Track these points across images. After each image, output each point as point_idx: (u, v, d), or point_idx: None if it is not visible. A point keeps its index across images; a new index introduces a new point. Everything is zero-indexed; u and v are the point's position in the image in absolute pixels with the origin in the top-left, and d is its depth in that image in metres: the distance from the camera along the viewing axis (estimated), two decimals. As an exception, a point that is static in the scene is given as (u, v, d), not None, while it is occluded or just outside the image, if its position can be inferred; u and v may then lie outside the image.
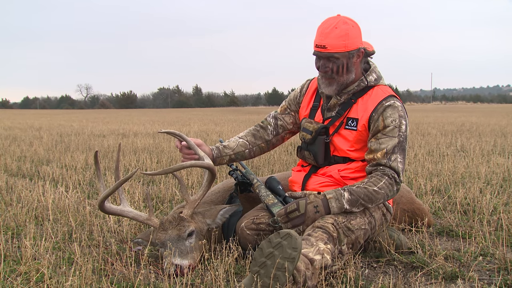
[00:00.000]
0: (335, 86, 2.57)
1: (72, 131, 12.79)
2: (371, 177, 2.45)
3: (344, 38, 2.45)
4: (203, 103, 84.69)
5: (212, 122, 17.83)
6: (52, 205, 3.64)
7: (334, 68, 2.50)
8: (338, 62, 2.49)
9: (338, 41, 2.44)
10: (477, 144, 7.82)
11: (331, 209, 2.37)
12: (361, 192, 2.39)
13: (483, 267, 2.46)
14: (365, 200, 2.39)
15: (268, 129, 2.90)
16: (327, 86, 2.59)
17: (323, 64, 2.52)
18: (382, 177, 2.42)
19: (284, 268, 1.91)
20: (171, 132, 2.65)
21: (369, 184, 2.41)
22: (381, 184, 2.41)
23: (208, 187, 2.61)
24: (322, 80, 2.60)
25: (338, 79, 2.54)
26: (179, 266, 2.32)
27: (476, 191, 3.87)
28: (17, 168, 5.85)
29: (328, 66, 2.51)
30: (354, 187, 2.41)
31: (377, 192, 2.40)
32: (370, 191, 2.39)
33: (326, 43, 2.45)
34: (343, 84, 2.57)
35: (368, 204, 2.41)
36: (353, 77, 2.57)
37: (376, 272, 2.46)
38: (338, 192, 2.41)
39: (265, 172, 5.28)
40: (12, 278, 2.29)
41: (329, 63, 2.51)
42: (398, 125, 2.47)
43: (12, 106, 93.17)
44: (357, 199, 2.38)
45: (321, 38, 2.46)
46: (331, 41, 2.44)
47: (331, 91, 2.59)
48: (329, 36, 2.44)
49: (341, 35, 2.44)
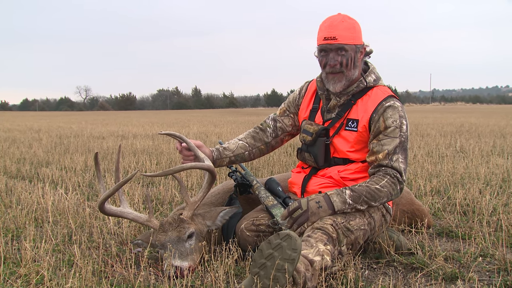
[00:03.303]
0: (344, 81, 2.55)
1: (71, 133, 12.79)
2: (373, 177, 2.45)
3: (352, 31, 2.47)
4: (202, 105, 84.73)
5: (211, 124, 17.82)
6: (51, 207, 3.64)
7: (343, 61, 2.49)
8: (347, 55, 2.49)
9: (347, 32, 2.45)
10: (477, 145, 7.83)
11: (334, 204, 2.35)
12: (363, 190, 2.37)
13: (483, 268, 2.46)
14: (367, 197, 2.37)
15: (268, 131, 2.90)
16: (335, 83, 2.56)
17: (332, 58, 2.50)
18: (384, 176, 2.42)
19: (284, 269, 1.91)
20: (172, 134, 2.65)
21: (370, 183, 2.40)
22: (383, 182, 2.40)
23: (208, 189, 2.61)
24: (329, 77, 2.57)
25: (347, 74, 2.53)
26: (179, 268, 2.32)
27: (475, 192, 3.87)
28: (16, 170, 5.84)
29: (337, 60, 2.50)
30: (355, 186, 2.41)
31: (380, 190, 2.38)
32: (372, 189, 2.37)
33: (336, 34, 2.45)
34: (350, 79, 2.55)
35: (372, 202, 2.38)
36: (357, 74, 2.57)
37: (376, 273, 2.46)
38: (338, 190, 2.40)
39: (264, 174, 5.28)
40: (12, 280, 2.29)
41: (338, 57, 2.49)
42: (399, 125, 2.47)
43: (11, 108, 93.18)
44: (360, 195, 2.36)
45: (330, 30, 2.46)
46: (341, 32, 2.45)
47: (340, 87, 2.56)
48: (338, 28, 2.45)
49: (349, 27, 2.46)
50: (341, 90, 2.58)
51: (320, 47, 2.53)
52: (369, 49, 2.62)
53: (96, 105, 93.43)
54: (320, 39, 2.51)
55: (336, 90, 2.58)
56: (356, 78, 2.59)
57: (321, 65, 2.59)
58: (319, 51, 2.56)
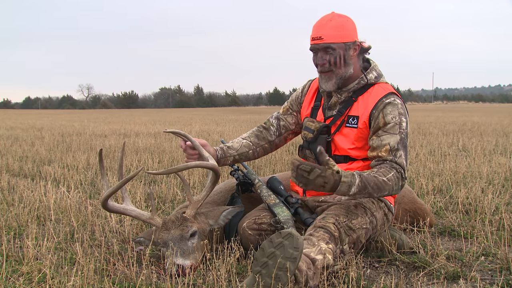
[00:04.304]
0: (334, 79, 2.55)
1: (73, 131, 12.81)
2: (380, 167, 2.38)
3: (339, 29, 2.48)
4: (205, 103, 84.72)
5: (213, 122, 17.83)
6: (54, 205, 3.65)
7: (331, 60, 2.51)
8: (335, 53, 2.50)
9: (333, 31, 2.47)
10: (479, 143, 7.81)
11: (337, 192, 2.22)
12: (371, 180, 2.28)
13: (485, 267, 2.46)
14: (373, 188, 2.29)
15: (271, 130, 2.90)
16: (327, 82, 2.57)
17: (321, 57, 2.52)
18: (391, 169, 2.37)
19: (286, 268, 1.91)
20: (176, 132, 2.66)
21: (379, 173, 2.33)
22: (390, 176, 2.34)
23: (211, 188, 2.62)
24: (321, 76, 2.59)
25: (337, 72, 2.53)
26: (181, 266, 2.32)
27: (478, 191, 3.86)
28: (19, 168, 5.85)
29: (325, 59, 2.51)
30: (365, 174, 2.30)
31: (386, 183, 2.32)
32: (380, 180, 2.31)
33: (321, 34, 2.47)
34: (342, 77, 2.55)
35: (374, 193, 2.31)
36: (351, 71, 2.56)
37: (378, 272, 2.45)
38: (353, 178, 2.24)
39: (266, 172, 5.28)
40: (14, 278, 2.30)
41: (326, 55, 2.51)
42: (398, 122, 2.46)
43: (13, 106, 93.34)
44: (366, 186, 2.26)
45: (317, 30, 2.50)
46: (326, 31, 2.47)
47: (331, 86, 2.57)
48: (324, 28, 2.48)
49: (336, 26, 2.48)
50: (334, 89, 2.58)
51: (310, 47, 2.57)
52: (367, 45, 2.61)
53: (98, 103, 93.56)
54: (310, 40, 2.55)
55: (328, 88, 2.58)
56: (355, 75, 2.58)
57: (314, 65, 2.61)
58: (311, 51, 2.59)
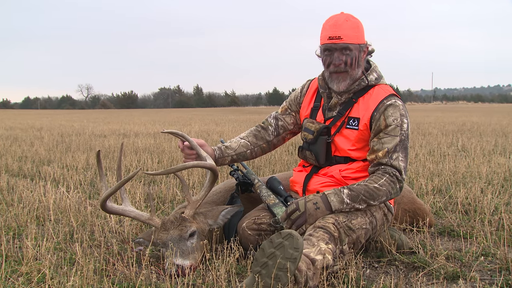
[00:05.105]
0: (348, 80, 2.55)
1: (73, 131, 12.80)
2: (372, 175, 2.45)
3: (356, 30, 2.47)
4: (204, 103, 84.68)
5: (213, 122, 17.82)
6: (53, 205, 3.64)
7: (348, 61, 2.49)
8: (351, 54, 2.49)
9: (352, 32, 2.46)
10: (478, 144, 7.81)
11: (331, 204, 2.36)
12: (361, 189, 2.38)
13: (485, 267, 2.46)
14: (366, 196, 2.37)
15: (269, 130, 2.90)
16: (340, 82, 2.55)
17: (337, 57, 2.50)
18: (383, 175, 2.42)
19: (286, 268, 1.91)
20: (174, 132, 2.65)
21: (369, 181, 2.40)
22: (382, 181, 2.40)
23: (210, 187, 2.61)
24: (333, 76, 2.56)
25: (351, 73, 2.53)
26: (181, 267, 2.32)
27: (477, 191, 3.86)
28: (18, 168, 5.85)
29: (342, 59, 2.50)
30: (354, 185, 2.41)
31: (378, 189, 2.38)
32: (370, 187, 2.38)
33: (341, 33, 2.45)
34: (353, 78, 2.55)
35: (370, 200, 2.38)
36: (360, 73, 2.57)
37: (378, 272, 2.45)
38: (336, 189, 2.41)
39: (266, 172, 5.28)
40: (14, 279, 2.29)
41: (342, 56, 2.49)
42: (399, 124, 2.47)
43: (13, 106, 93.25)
44: (358, 194, 2.36)
45: (335, 30, 2.46)
46: (345, 31, 2.45)
47: (344, 86, 2.56)
48: (343, 27, 2.45)
49: (354, 27, 2.47)
50: (345, 90, 2.58)
51: (324, 46, 2.53)
52: (371, 48, 2.62)
53: (97, 103, 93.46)
54: (324, 38, 2.50)
55: (340, 89, 2.57)
56: (358, 77, 2.59)
57: (325, 64, 2.58)
58: (323, 50, 2.55)
